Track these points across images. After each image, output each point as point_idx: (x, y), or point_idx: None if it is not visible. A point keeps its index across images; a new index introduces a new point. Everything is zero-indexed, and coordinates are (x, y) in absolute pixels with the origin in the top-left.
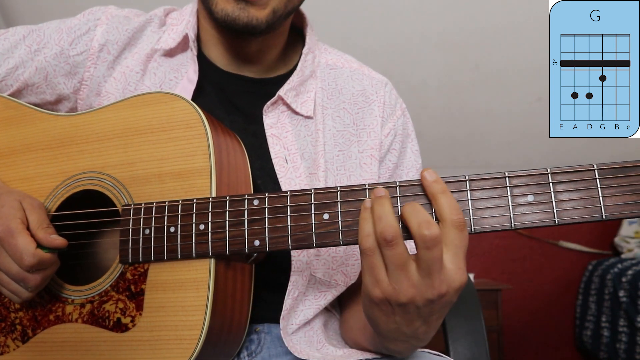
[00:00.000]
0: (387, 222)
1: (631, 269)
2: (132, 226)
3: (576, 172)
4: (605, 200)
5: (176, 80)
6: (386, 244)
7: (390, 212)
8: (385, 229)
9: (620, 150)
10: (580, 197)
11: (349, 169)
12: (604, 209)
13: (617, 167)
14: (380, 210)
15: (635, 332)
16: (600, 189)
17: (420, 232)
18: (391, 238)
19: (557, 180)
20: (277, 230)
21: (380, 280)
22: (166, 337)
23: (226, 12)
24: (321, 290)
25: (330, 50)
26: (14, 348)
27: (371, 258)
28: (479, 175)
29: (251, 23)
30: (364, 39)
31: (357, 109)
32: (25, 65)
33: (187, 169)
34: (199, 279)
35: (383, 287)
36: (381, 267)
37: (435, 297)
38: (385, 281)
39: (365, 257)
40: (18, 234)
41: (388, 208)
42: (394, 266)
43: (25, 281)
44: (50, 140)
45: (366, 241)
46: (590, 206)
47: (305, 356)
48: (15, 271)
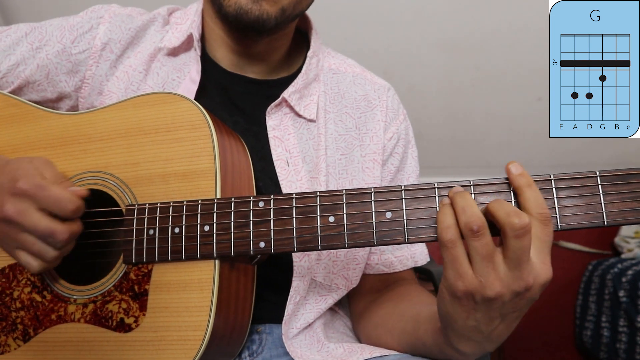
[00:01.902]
0: (473, 212)
1: (631, 269)
2: (136, 226)
3: (579, 178)
4: (607, 207)
5: (179, 80)
6: (472, 234)
7: (473, 203)
8: (472, 219)
9: (620, 150)
10: (583, 203)
11: (351, 173)
12: (605, 215)
13: (619, 174)
14: (463, 202)
15: (635, 332)
16: (602, 195)
17: (509, 220)
18: (477, 228)
19: (560, 186)
20: (282, 232)
21: (464, 274)
22: (170, 338)
23: (239, 5)
24: (322, 295)
25: (334, 55)
26: (15, 347)
27: (453, 250)
28: (484, 181)
29: (262, 17)
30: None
31: (360, 114)
32: (27, 63)
33: (192, 170)
34: (203, 279)
35: (468, 280)
36: (464, 259)
37: (522, 289)
38: (469, 274)
39: (447, 250)
40: (50, 186)
41: (471, 200)
42: (481, 257)
43: (54, 235)
44: (53, 139)
45: (447, 232)
46: (592, 212)
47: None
48: (45, 225)
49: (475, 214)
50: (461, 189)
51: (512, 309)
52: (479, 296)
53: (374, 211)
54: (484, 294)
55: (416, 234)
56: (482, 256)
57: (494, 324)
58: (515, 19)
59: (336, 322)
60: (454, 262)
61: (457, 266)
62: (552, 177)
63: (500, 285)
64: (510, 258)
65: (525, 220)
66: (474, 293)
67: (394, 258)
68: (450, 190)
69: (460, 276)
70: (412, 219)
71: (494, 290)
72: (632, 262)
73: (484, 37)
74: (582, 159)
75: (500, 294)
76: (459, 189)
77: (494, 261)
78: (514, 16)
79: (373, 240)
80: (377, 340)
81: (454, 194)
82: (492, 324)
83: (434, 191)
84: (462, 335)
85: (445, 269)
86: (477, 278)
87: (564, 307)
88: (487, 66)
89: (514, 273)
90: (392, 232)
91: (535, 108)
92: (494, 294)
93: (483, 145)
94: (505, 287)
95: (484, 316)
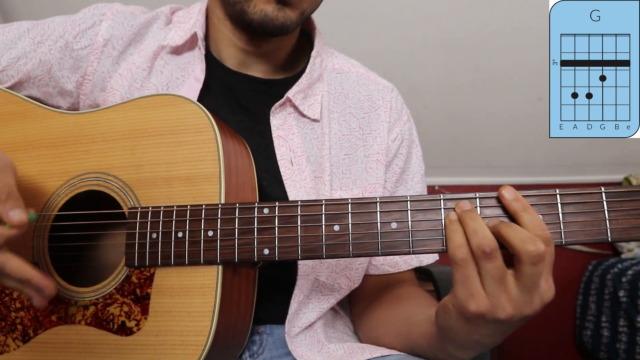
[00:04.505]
0: (485, 235)
1: (631, 269)
2: (139, 229)
3: (584, 194)
4: (612, 223)
5: (183, 78)
6: (485, 256)
7: (484, 225)
8: (484, 242)
9: (620, 150)
10: (587, 219)
11: (355, 173)
12: (610, 231)
13: (624, 191)
14: (474, 224)
15: (635, 332)
16: (607, 212)
17: (525, 248)
18: (490, 251)
19: (565, 201)
20: (286, 239)
21: (476, 293)
22: (172, 342)
23: (266, 12)
24: (324, 294)
25: (337, 55)
26: (14, 348)
27: (465, 270)
28: (489, 194)
29: (286, 23)
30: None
31: (364, 114)
32: (28, 57)
33: (196, 174)
34: (206, 284)
35: (479, 301)
36: (476, 279)
37: (531, 313)
38: (481, 294)
39: (459, 269)
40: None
41: (481, 221)
42: (493, 280)
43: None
44: (55, 139)
45: (460, 252)
46: (597, 228)
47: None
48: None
49: (487, 236)
50: (469, 205)
51: (516, 326)
52: (490, 317)
53: (380, 221)
54: (495, 315)
55: (421, 245)
56: (495, 278)
57: (496, 337)
58: (515, 19)
59: (337, 322)
60: (466, 282)
61: (469, 285)
62: (557, 192)
63: (512, 308)
64: (524, 283)
65: (541, 248)
66: (485, 314)
67: (399, 258)
68: (457, 205)
69: (472, 296)
70: (418, 230)
71: (506, 312)
72: (632, 262)
73: (485, 38)
74: (582, 159)
75: (511, 316)
76: (467, 206)
77: (506, 283)
78: (515, 16)
79: (378, 250)
80: (376, 341)
81: (463, 212)
82: (493, 338)
83: (439, 203)
84: (461, 346)
85: (455, 287)
86: (489, 299)
87: (564, 307)
88: (487, 66)
89: (526, 297)
90: (397, 243)
91: (536, 108)
92: (505, 316)
93: (483, 145)
94: (517, 310)
95: (488, 332)
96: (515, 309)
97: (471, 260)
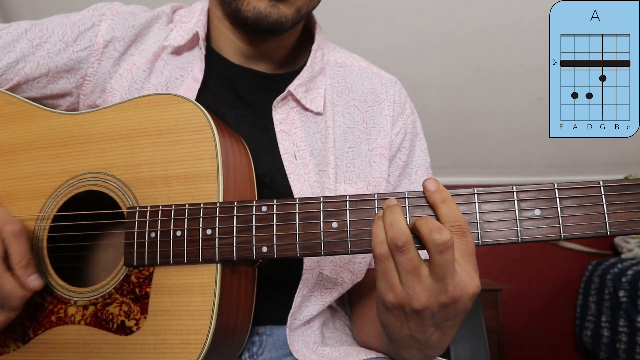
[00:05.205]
0: (399, 228)
1: (631, 269)
2: (138, 229)
3: (582, 188)
4: (610, 217)
5: (182, 78)
6: (398, 249)
7: (401, 218)
8: (397, 235)
9: (620, 150)
10: (586, 213)
11: (359, 167)
12: (608, 225)
13: (623, 185)
14: (391, 218)
15: (635, 332)
16: (606, 206)
17: (431, 237)
18: (402, 244)
19: (564, 195)
20: (285, 237)
21: (394, 286)
22: (171, 341)
23: (258, 9)
24: (327, 287)
25: (339, 49)
26: (14, 348)
27: (385, 264)
28: (488, 189)
29: (280, 20)
30: (365, 39)
31: (367, 107)
32: (27, 60)
33: (194, 173)
34: (205, 283)
35: (397, 293)
36: (394, 273)
37: (449, 300)
38: (398, 286)
39: (379, 263)
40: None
41: (399, 215)
42: (406, 271)
43: None
44: (53, 139)
45: (379, 247)
46: (596, 222)
47: (301, 357)
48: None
49: (401, 229)
50: (395, 201)
51: (444, 319)
52: (408, 307)
53: None
54: (411, 305)
55: None
56: (408, 270)
57: (429, 332)
58: (516, 19)
59: (336, 321)
60: (386, 275)
61: (388, 279)
62: (555, 187)
63: (426, 297)
64: (436, 272)
65: (446, 236)
66: (402, 304)
67: None
68: (384, 202)
69: (391, 288)
70: None
71: (421, 302)
72: (632, 262)
73: (485, 37)
74: (582, 159)
75: (427, 306)
76: (392, 202)
77: (420, 274)
78: (515, 16)
79: None
80: (365, 337)
81: (386, 207)
82: (426, 332)
83: None
84: (401, 343)
85: (377, 281)
86: (405, 290)
87: (564, 307)
88: (487, 66)
89: (439, 285)
90: None
91: (535, 108)
92: (421, 306)
93: (483, 145)
94: (432, 299)
95: (417, 325)
96: (430, 298)
97: (390, 256)
